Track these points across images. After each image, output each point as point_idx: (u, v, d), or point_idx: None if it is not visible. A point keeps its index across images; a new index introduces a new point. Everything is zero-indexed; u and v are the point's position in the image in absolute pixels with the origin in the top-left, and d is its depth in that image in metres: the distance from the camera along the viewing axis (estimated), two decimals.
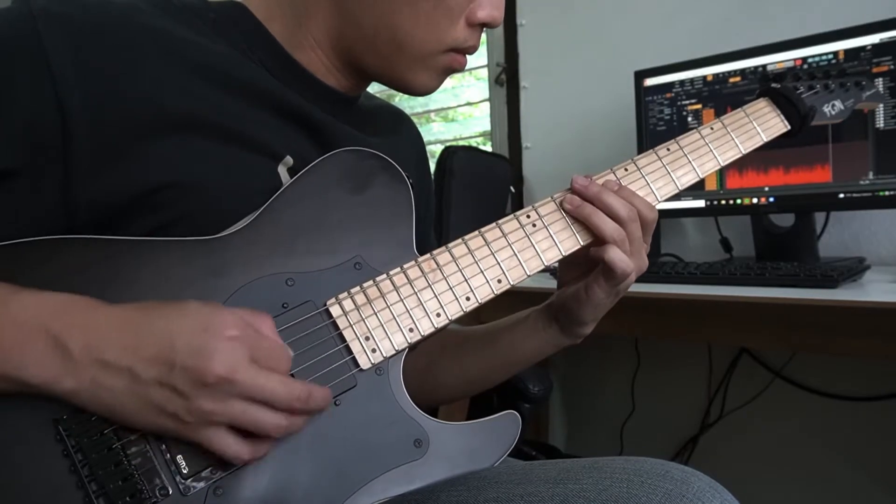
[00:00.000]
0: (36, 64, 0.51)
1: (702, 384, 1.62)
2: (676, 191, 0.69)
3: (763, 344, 1.36)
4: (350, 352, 0.57)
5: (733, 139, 0.71)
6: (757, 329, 1.04)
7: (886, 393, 1.37)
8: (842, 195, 1.22)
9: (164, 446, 0.50)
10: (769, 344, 1.32)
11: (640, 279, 1.16)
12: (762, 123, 0.73)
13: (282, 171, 0.61)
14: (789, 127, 0.75)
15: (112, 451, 0.49)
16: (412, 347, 0.59)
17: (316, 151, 0.63)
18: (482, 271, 0.61)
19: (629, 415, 1.73)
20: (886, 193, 1.18)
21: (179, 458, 0.50)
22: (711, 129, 0.71)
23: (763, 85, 0.77)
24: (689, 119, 1.39)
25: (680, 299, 1.08)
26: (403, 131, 0.82)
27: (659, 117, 1.43)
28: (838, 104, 0.79)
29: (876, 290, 1.00)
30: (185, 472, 0.50)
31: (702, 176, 0.70)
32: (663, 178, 0.68)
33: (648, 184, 0.67)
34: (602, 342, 1.77)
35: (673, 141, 0.70)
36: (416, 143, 0.84)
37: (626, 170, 0.67)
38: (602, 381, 1.81)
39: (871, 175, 1.19)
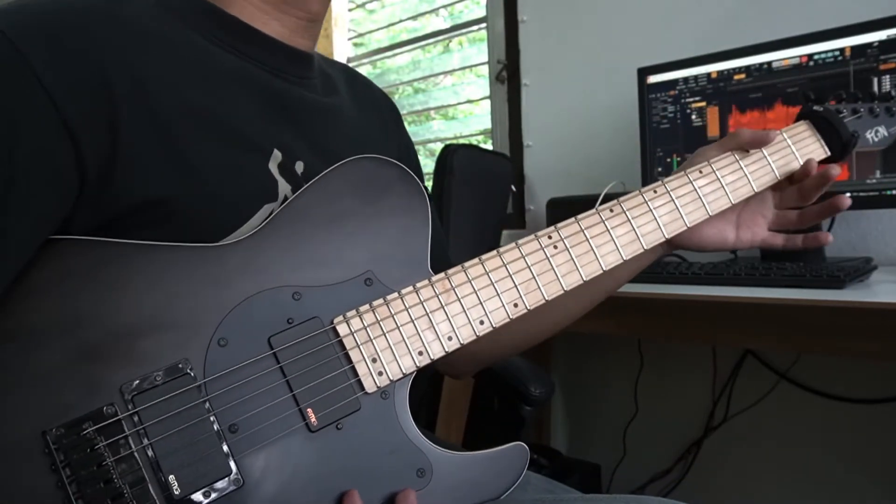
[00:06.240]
0: (37, 101, 0.47)
1: (706, 386, 1.59)
2: (707, 216, 0.68)
3: (768, 345, 1.34)
4: (356, 373, 0.54)
5: (770, 164, 0.70)
6: (762, 330, 1.02)
7: (894, 395, 1.35)
8: (848, 194, 1.20)
9: (156, 465, 0.48)
10: (774, 345, 1.30)
11: (643, 279, 1.16)
12: (801, 149, 0.71)
13: (272, 167, 0.59)
14: (829, 154, 0.72)
15: (102, 468, 0.47)
16: (420, 371, 0.57)
17: (296, 134, 0.61)
18: (498, 294, 0.59)
19: (632, 417, 1.71)
20: (894, 192, 1.15)
21: (172, 477, 0.48)
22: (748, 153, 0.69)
23: (804, 107, 0.73)
24: (693, 117, 1.37)
25: (684, 300, 1.06)
26: (362, 89, 0.78)
27: (662, 115, 1.41)
28: (882, 130, 0.75)
29: (883, 290, 0.98)
30: (177, 492, 0.48)
31: (734, 202, 0.69)
32: (694, 203, 0.67)
33: (678, 208, 0.66)
34: (604, 343, 1.75)
35: (706, 163, 0.68)
36: (373, 93, 0.81)
37: (654, 192, 0.65)
38: (604, 384, 1.79)
39: (878, 174, 1.17)
